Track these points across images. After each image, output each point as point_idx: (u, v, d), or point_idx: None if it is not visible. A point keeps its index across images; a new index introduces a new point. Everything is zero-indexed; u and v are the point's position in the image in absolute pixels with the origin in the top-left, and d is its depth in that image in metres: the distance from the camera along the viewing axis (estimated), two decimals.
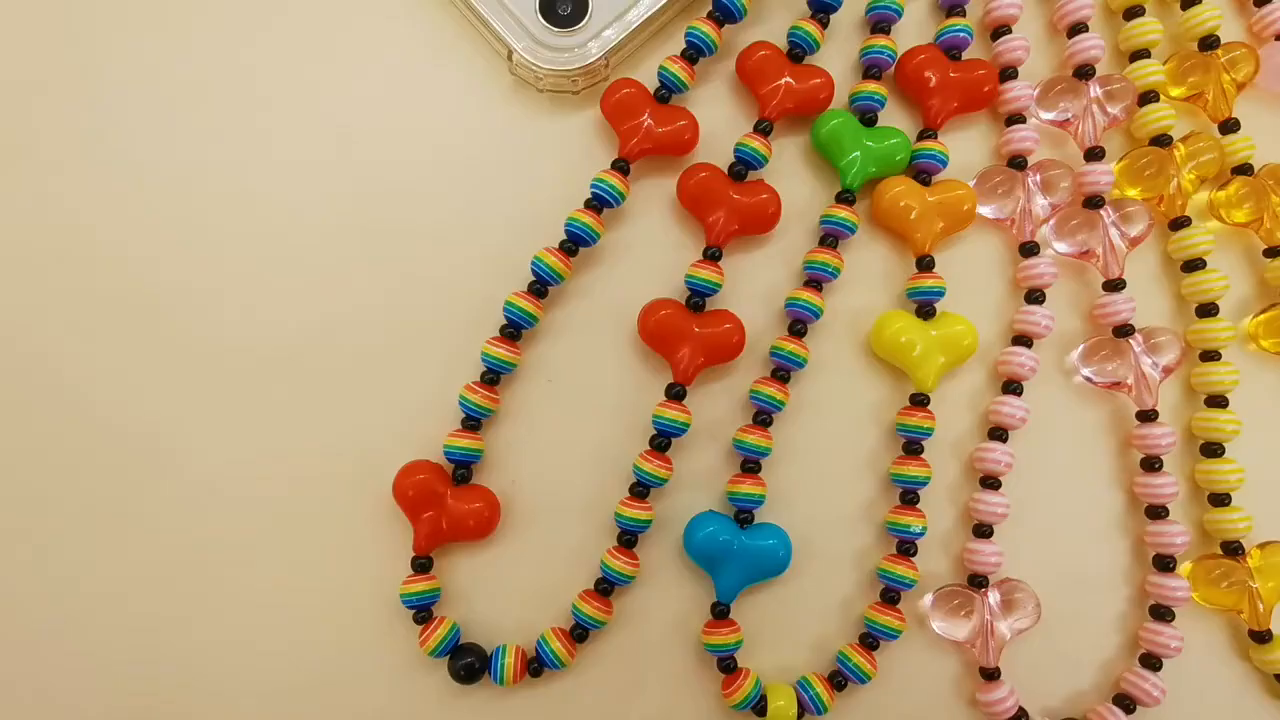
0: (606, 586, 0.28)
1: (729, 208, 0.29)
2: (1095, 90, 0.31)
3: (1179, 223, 0.31)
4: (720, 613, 0.28)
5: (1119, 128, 0.32)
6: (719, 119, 0.31)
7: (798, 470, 0.30)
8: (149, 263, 0.30)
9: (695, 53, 0.30)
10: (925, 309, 0.30)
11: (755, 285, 0.31)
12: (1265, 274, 0.32)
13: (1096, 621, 0.30)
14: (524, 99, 0.31)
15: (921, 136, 0.31)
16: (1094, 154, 0.31)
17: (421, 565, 0.28)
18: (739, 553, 0.28)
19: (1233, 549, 0.30)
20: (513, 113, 0.31)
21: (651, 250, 0.31)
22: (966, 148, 0.32)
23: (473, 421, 0.29)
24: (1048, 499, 0.31)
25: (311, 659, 0.28)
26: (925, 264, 0.30)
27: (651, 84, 0.30)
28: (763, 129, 0.30)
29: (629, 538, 0.28)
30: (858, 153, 0.30)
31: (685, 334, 0.29)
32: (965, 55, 0.31)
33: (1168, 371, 0.30)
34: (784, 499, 0.30)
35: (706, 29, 0.30)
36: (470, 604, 0.29)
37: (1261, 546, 0.30)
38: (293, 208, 0.30)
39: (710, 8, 0.30)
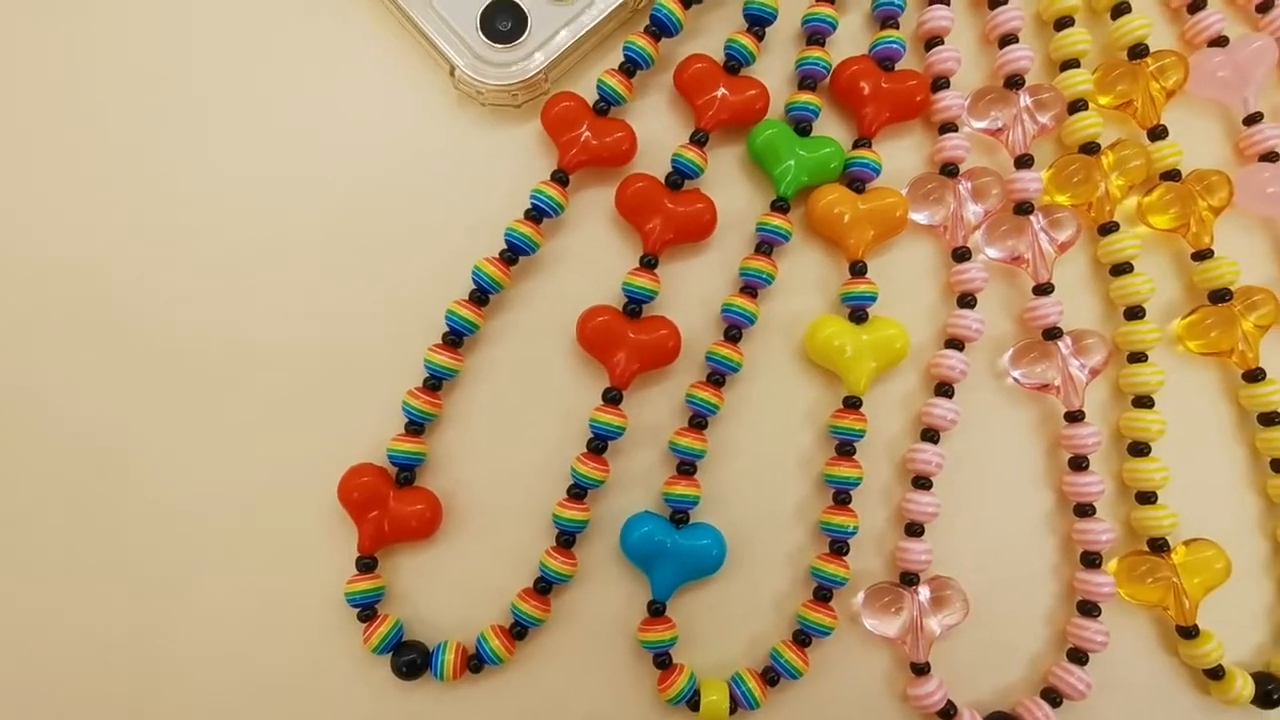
0: (545, 585, 0.29)
1: (665, 216, 0.30)
2: (1025, 100, 0.32)
3: (1107, 228, 0.32)
4: (656, 610, 0.29)
5: (1049, 136, 0.33)
6: (658, 130, 0.32)
7: (733, 471, 0.31)
8: (99, 273, 0.30)
9: (633, 66, 0.31)
10: (858, 314, 0.31)
11: (694, 291, 0.32)
12: (1194, 277, 0.32)
13: (1025, 617, 0.31)
14: (467, 112, 0.32)
15: (856, 145, 0.32)
16: (1023, 161, 0.32)
17: (366, 565, 0.29)
18: (674, 552, 0.29)
19: (1158, 546, 0.31)
20: (457, 125, 0.32)
21: (592, 258, 0.31)
22: (901, 156, 0.33)
23: (416, 426, 0.30)
24: (979, 498, 0.31)
25: (260, 659, 0.29)
26: (858, 270, 0.31)
27: (592, 97, 0.31)
28: (698, 140, 0.31)
29: (567, 538, 0.29)
30: (792, 161, 0.31)
31: (621, 340, 0.30)
32: (899, 66, 0.32)
33: (1095, 373, 0.31)
34: (720, 500, 0.31)
35: (643, 43, 0.31)
36: (414, 603, 0.30)
37: (1187, 543, 0.31)
38: (238, 219, 0.31)
39: (648, 22, 0.31)
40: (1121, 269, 0.32)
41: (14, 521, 0.30)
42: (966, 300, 0.31)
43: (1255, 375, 0.31)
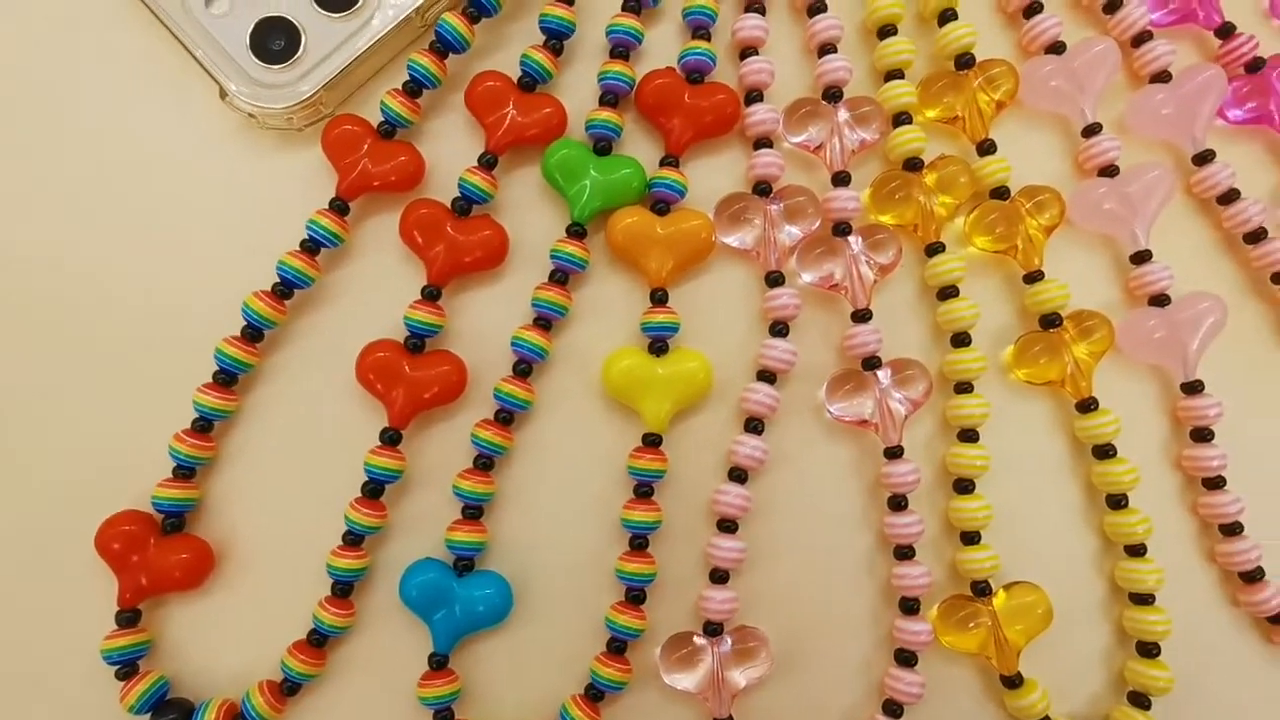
0: (319, 638, 0.28)
1: (448, 244, 0.29)
2: (842, 114, 0.30)
3: (933, 249, 0.30)
4: (437, 663, 0.28)
5: (875, 152, 0.31)
6: (458, 152, 0.30)
7: (524, 515, 0.29)
8: None
9: (417, 86, 0.29)
10: (658, 345, 0.29)
11: (488, 323, 0.30)
12: (1025, 301, 0.30)
13: (840, 668, 0.29)
14: (250, 136, 0.30)
15: (662, 164, 0.30)
16: (840, 179, 0.30)
17: (127, 619, 0.27)
18: (455, 601, 0.28)
19: (981, 590, 0.29)
20: (238, 150, 0.30)
21: (379, 289, 0.30)
22: (717, 175, 0.31)
23: (183, 470, 0.28)
24: (793, 541, 0.29)
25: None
26: (658, 298, 0.29)
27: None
28: (486, 162, 0.29)
29: (342, 587, 0.28)
30: (587, 183, 0.29)
31: (400, 376, 0.28)
32: (714, 79, 0.30)
33: (916, 405, 0.29)
34: (509, 545, 0.29)
35: (427, 62, 0.29)
36: (185, 656, 0.28)
37: (1007, 587, 0.29)
38: (2, 246, 0.29)
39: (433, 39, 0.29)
40: (947, 293, 0.30)
41: None
42: (778, 329, 0.29)
43: (1088, 405, 0.29)
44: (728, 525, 0.29)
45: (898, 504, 0.29)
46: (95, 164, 0.30)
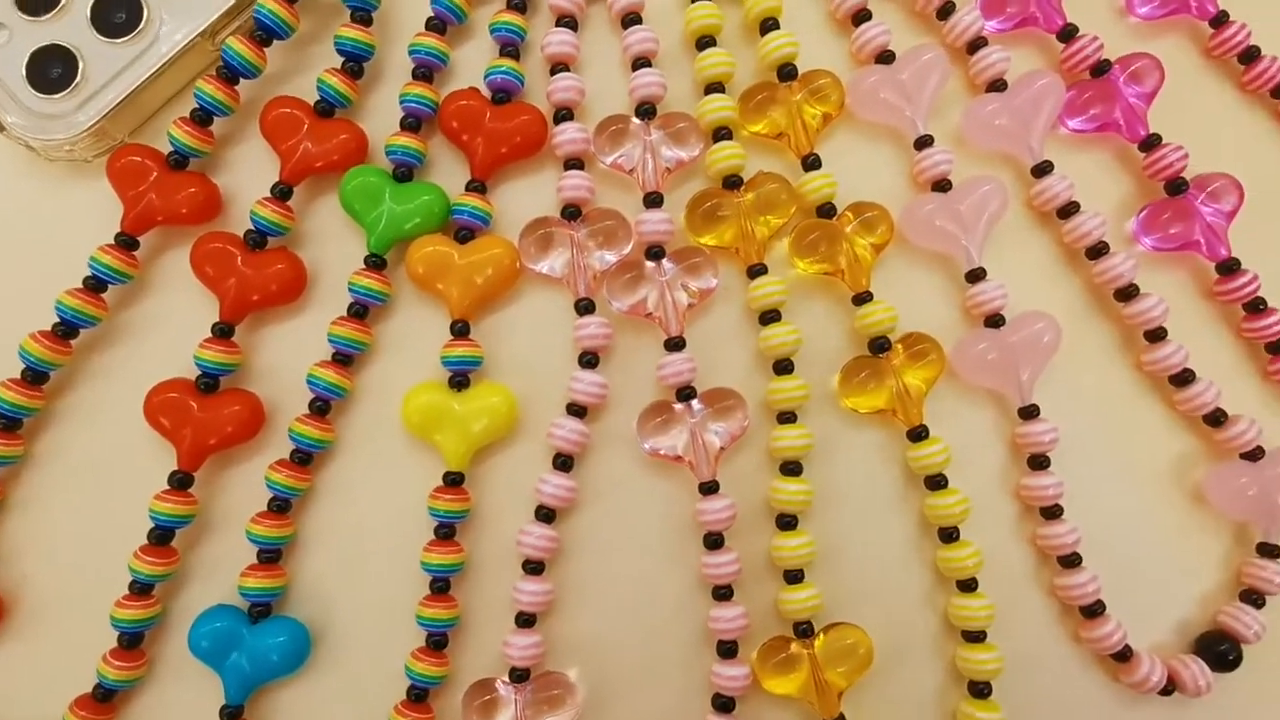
0: (103, 693, 0.27)
1: (240, 279, 0.27)
2: (654, 131, 0.29)
3: (754, 271, 0.28)
4: (230, 715, 0.27)
5: (694, 170, 0.29)
6: (261, 181, 0.29)
7: (325, 558, 0.28)
8: None
9: (206, 114, 0.28)
10: (458, 379, 0.28)
11: (292, 359, 0.28)
12: (855, 324, 0.29)
13: (654, 715, 0.28)
14: (38, 168, 0.29)
15: (467, 189, 0.29)
16: (652, 200, 0.28)
17: None
18: (247, 649, 0.26)
19: (803, 630, 0.27)
20: (24, 183, 0.29)
21: (177, 326, 0.29)
22: (536, 198, 0.30)
23: None
24: (609, 581, 0.28)
25: None
26: (458, 330, 0.28)
27: None
28: (279, 192, 0.28)
29: (128, 639, 0.27)
30: (383, 211, 0.28)
31: (188, 416, 0.27)
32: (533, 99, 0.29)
33: (734, 438, 0.28)
34: (309, 590, 0.28)
35: (213, 89, 0.28)
36: None
37: (827, 629, 0.27)
38: None
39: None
40: (768, 318, 0.28)
41: None
42: (587, 360, 0.28)
43: (918, 434, 0.28)
44: (533, 567, 0.27)
45: (713, 542, 0.27)
46: None
